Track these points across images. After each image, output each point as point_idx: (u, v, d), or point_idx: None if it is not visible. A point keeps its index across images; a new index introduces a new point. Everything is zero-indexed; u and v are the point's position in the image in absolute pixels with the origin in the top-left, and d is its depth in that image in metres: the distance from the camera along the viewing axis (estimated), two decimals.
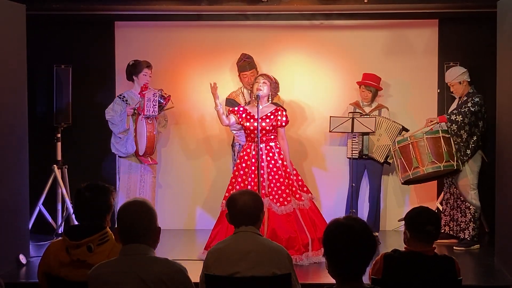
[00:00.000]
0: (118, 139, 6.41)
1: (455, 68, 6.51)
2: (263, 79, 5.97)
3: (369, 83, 6.73)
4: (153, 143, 6.37)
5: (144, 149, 6.34)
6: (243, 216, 3.52)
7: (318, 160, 7.30)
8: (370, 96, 6.75)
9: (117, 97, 6.51)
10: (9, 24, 5.68)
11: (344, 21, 7.20)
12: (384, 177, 7.16)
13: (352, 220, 2.59)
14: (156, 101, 6.28)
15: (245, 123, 5.98)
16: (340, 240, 2.53)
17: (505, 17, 5.59)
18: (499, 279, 5.30)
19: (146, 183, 6.52)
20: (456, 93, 6.44)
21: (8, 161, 5.60)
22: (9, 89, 5.65)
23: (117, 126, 6.36)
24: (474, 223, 6.28)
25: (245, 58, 6.78)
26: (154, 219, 3.01)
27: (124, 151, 6.39)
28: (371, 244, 2.57)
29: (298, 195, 5.89)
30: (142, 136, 6.32)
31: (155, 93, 6.31)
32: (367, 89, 6.74)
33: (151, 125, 6.36)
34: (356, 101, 6.89)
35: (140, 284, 2.86)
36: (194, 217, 7.31)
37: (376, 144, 6.70)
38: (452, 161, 6.09)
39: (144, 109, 6.27)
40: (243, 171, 5.90)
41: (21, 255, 5.68)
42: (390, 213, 7.20)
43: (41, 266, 3.41)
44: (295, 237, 5.69)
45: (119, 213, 3.00)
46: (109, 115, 6.42)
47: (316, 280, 5.22)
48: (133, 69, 6.52)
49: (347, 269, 2.54)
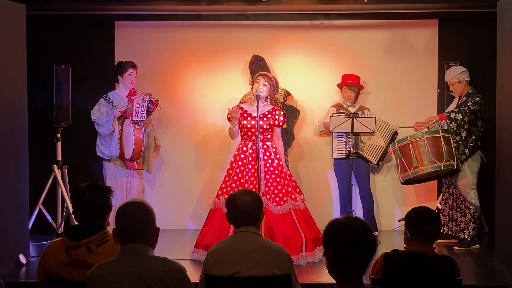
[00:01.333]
0: (103, 140, 6.42)
1: (455, 67, 6.52)
2: (263, 80, 5.94)
3: (352, 83, 6.83)
4: (140, 148, 6.36)
5: (131, 154, 6.33)
6: (243, 216, 3.51)
7: (315, 160, 7.29)
8: (353, 96, 6.85)
9: (102, 98, 6.50)
10: (9, 24, 5.67)
11: (344, 21, 7.21)
12: (384, 177, 7.18)
13: (352, 220, 2.59)
14: (144, 106, 6.28)
15: (242, 121, 5.97)
16: (340, 240, 2.53)
17: (505, 17, 5.59)
18: (499, 279, 5.30)
19: (133, 186, 6.52)
20: (455, 92, 6.45)
21: (8, 161, 5.60)
22: (9, 89, 5.65)
23: (103, 127, 6.37)
24: (474, 223, 6.28)
25: (257, 62, 6.77)
26: (153, 220, 3.01)
27: (108, 153, 6.40)
28: (371, 244, 2.57)
29: (294, 196, 5.91)
30: (129, 141, 6.30)
31: (144, 99, 6.29)
32: (350, 89, 6.84)
33: (139, 130, 6.33)
34: (338, 103, 6.94)
35: (140, 283, 2.86)
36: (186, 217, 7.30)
37: (368, 142, 6.73)
38: (452, 160, 6.09)
39: (133, 114, 6.24)
40: (239, 169, 5.89)
41: (21, 255, 5.69)
42: (391, 213, 7.20)
43: (41, 266, 3.41)
44: (290, 238, 5.70)
45: (117, 213, 3.00)
46: (95, 116, 6.42)
47: (313, 280, 5.22)
48: (118, 69, 6.53)
49: (347, 269, 2.54)
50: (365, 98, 7.18)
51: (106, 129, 6.34)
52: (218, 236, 5.61)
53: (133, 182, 6.53)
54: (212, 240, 5.67)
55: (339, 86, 6.93)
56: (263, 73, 6.09)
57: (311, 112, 7.25)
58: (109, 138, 6.39)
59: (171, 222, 7.05)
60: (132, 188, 6.52)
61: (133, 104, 6.24)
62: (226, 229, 5.55)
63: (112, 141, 6.38)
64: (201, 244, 5.80)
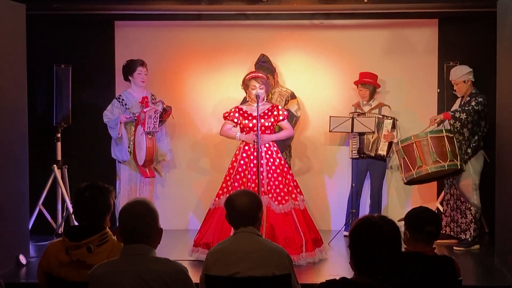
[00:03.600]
0: (116, 143, 6.44)
1: (461, 67, 6.47)
2: (258, 84, 5.90)
3: (366, 81, 6.79)
4: (152, 156, 6.34)
5: (143, 161, 6.33)
6: (242, 217, 3.52)
7: (318, 160, 7.29)
8: (368, 94, 6.81)
9: (115, 99, 6.51)
10: (9, 24, 5.67)
11: (344, 21, 7.20)
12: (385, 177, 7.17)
13: (383, 221, 2.64)
14: (157, 118, 6.26)
15: (243, 121, 5.98)
16: (368, 238, 2.59)
17: (505, 17, 5.58)
18: (499, 279, 5.30)
19: (144, 193, 6.54)
20: (459, 92, 6.43)
21: (8, 161, 5.60)
22: (9, 89, 5.65)
23: (114, 130, 6.38)
24: (475, 224, 6.27)
25: (261, 62, 6.76)
26: (156, 220, 3.01)
27: (120, 157, 6.44)
28: (396, 247, 2.64)
29: (294, 195, 5.91)
30: (141, 148, 6.29)
31: (157, 110, 6.26)
32: (364, 87, 6.80)
33: (151, 140, 6.31)
34: (357, 102, 6.92)
35: (141, 284, 2.86)
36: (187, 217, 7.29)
37: (371, 140, 6.72)
38: (456, 160, 6.07)
39: (145, 125, 6.21)
40: (241, 168, 5.89)
41: (21, 255, 5.68)
42: (392, 214, 7.19)
43: (41, 266, 3.41)
44: (291, 237, 5.70)
45: (121, 213, 2.99)
46: (107, 118, 6.44)
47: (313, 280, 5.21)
48: (127, 69, 6.53)
49: (367, 265, 2.60)
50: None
51: (115, 132, 6.35)
52: (219, 235, 5.60)
53: (144, 188, 6.55)
54: (213, 239, 5.67)
55: (356, 83, 6.90)
56: (254, 76, 6.00)
57: (312, 112, 7.24)
58: (120, 141, 6.40)
59: (172, 222, 7.05)
60: (143, 194, 6.53)
61: (146, 115, 6.21)
62: (227, 228, 5.52)
63: (122, 145, 6.39)
64: (201, 243, 5.80)
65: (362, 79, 6.81)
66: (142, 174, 6.44)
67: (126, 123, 6.39)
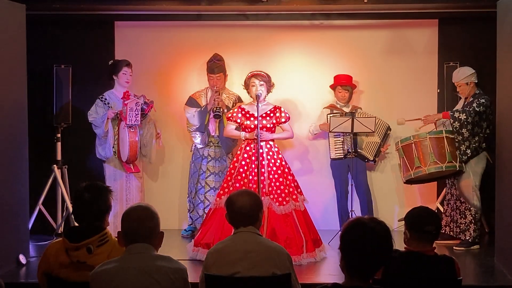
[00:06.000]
0: (101, 141, 6.45)
1: (463, 69, 6.43)
2: (259, 81, 5.95)
3: (345, 83, 6.83)
4: (135, 151, 6.38)
5: (126, 156, 6.35)
6: (242, 216, 3.52)
7: (318, 160, 7.29)
8: (348, 96, 6.84)
9: (98, 99, 6.55)
10: (9, 24, 5.67)
11: (344, 21, 7.20)
12: (384, 176, 7.17)
13: (374, 223, 2.59)
14: (138, 110, 6.30)
15: (245, 121, 5.99)
16: (359, 240, 2.54)
17: (505, 17, 5.58)
18: (499, 279, 5.30)
19: (132, 186, 6.55)
20: (462, 93, 6.41)
21: (8, 161, 5.60)
22: (9, 89, 5.65)
23: (100, 128, 6.41)
24: (475, 225, 6.26)
25: (215, 60, 6.76)
26: (157, 224, 3.04)
27: (104, 154, 6.44)
28: (388, 249, 2.57)
29: (295, 196, 5.91)
30: (125, 143, 6.33)
31: (138, 102, 6.31)
32: (344, 89, 6.83)
33: (134, 133, 6.34)
34: (331, 104, 6.93)
35: (148, 279, 2.88)
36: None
37: (366, 140, 6.73)
38: (454, 162, 6.07)
39: (127, 118, 6.25)
40: (242, 169, 5.90)
41: (21, 255, 5.68)
42: (391, 214, 7.19)
43: (41, 266, 3.41)
44: (292, 238, 5.70)
45: (123, 218, 3.01)
46: (92, 117, 6.48)
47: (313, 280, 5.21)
48: (112, 68, 6.56)
49: (359, 268, 2.56)
50: (365, 97, 7.17)
51: (101, 130, 6.37)
52: (220, 235, 5.60)
53: (132, 183, 6.56)
54: (213, 239, 5.67)
55: (332, 87, 6.93)
56: (255, 74, 6.05)
57: (312, 113, 7.22)
58: (105, 139, 6.41)
59: (170, 222, 7.05)
60: (131, 188, 6.54)
61: (127, 108, 6.25)
62: (228, 228, 5.52)
63: (107, 143, 6.40)
64: (201, 242, 5.80)
65: (342, 82, 6.84)
66: (126, 170, 6.45)
67: (112, 120, 6.41)
